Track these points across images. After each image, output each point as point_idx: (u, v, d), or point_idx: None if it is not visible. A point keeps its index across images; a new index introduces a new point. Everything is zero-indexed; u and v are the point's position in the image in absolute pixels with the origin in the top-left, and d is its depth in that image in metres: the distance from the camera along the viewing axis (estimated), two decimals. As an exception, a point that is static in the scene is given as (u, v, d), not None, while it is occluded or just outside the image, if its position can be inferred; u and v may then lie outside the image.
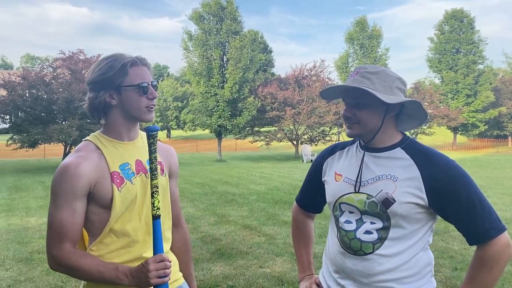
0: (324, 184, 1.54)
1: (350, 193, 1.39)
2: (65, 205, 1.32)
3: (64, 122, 17.00)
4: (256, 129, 27.15)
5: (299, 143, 26.54)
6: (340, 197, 1.42)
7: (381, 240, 1.33)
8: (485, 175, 14.39)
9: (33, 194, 10.21)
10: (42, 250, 5.27)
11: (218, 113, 24.37)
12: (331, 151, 1.56)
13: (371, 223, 1.34)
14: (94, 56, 18.66)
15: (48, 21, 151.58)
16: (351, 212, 1.39)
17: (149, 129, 1.34)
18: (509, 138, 38.23)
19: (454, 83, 34.91)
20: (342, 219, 1.41)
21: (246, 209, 8.08)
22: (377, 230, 1.34)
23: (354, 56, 35.48)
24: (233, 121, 24.51)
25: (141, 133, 1.52)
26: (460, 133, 36.40)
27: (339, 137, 24.06)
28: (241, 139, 27.47)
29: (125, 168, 1.40)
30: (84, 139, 1.46)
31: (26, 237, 5.96)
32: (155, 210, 1.33)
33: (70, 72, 17.64)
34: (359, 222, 1.37)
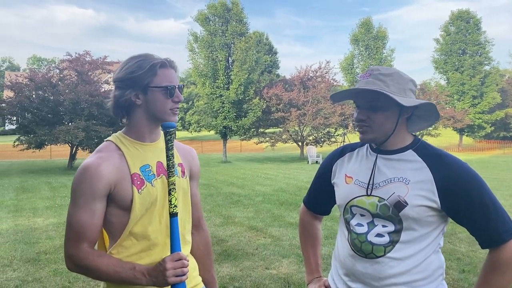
0: (333, 186, 1.53)
1: (362, 196, 1.38)
2: (84, 205, 1.31)
3: (70, 123, 17.10)
4: (261, 130, 27.14)
5: (304, 144, 26.50)
6: (351, 199, 1.41)
7: (393, 243, 1.33)
8: (492, 177, 14.29)
9: (39, 195, 10.26)
10: (49, 250, 5.29)
11: (223, 114, 24.40)
12: (341, 153, 1.55)
13: (383, 226, 1.34)
14: (100, 58, 18.74)
15: (54, 22, 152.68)
16: (362, 215, 1.38)
17: (166, 125, 1.31)
18: (516, 139, 37.95)
19: (460, 84, 34.73)
20: (353, 222, 1.40)
21: (251, 210, 8.08)
22: (389, 233, 1.33)
23: (359, 57, 35.42)
24: (238, 122, 24.52)
25: (162, 135, 1.50)
26: (466, 134, 36.19)
27: (344, 138, 23.96)
28: (246, 140, 27.46)
29: (146, 170, 1.39)
30: (106, 139, 1.45)
31: (33, 237, 5.99)
32: (172, 208, 1.32)
33: (76, 74, 17.74)
34: (371, 225, 1.36)
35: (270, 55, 48.96)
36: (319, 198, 1.64)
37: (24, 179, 13.66)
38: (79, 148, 18.05)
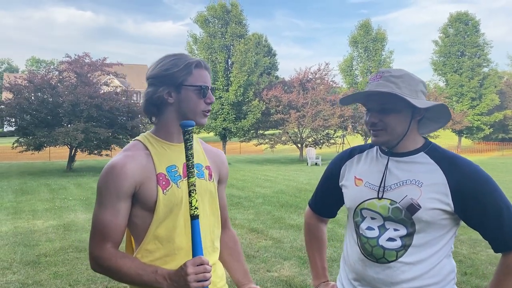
0: (340, 189, 1.51)
1: (372, 198, 1.36)
2: (109, 205, 1.29)
3: (69, 125, 17.05)
4: (261, 132, 27.13)
5: (303, 146, 26.49)
6: (362, 202, 1.38)
7: (405, 247, 1.30)
8: (492, 179, 14.27)
9: (39, 197, 10.22)
10: (49, 253, 5.26)
11: (222, 116, 24.40)
12: (349, 154, 1.53)
13: (395, 230, 1.31)
14: (99, 59, 18.69)
15: (53, 24, 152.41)
16: (373, 218, 1.36)
17: (184, 124, 1.27)
18: (515, 141, 38.01)
19: (459, 86, 34.78)
20: (364, 225, 1.37)
21: (252, 212, 8.06)
22: (401, 237, 1.30)
23: (358, 59, 35.46)
24: (238, 124, 24.53)
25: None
26: (465, 136, 36.23)
27: (343, 140, 23.96)
28: (245, 142, 27.44)
29: (172, 170, 1.36)
30: (134, 138, 1.43)
31: (33, 240, 5.96)
32: (192, 210, 1.28)
33: (75, 76, 17.70)
34: (382, 228, 1.33)
35: (269, 57, 48.99)
36: (326, 201, 1.62)
37: (23, 181, 13.62)
38: (78, 150, 18.00)
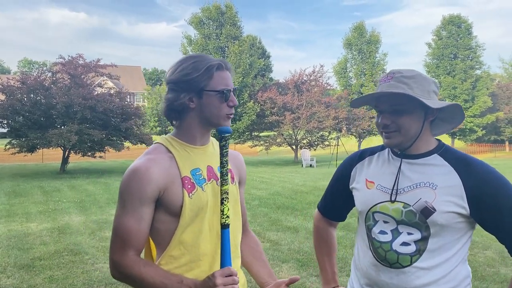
0: (351, 192, 1.47)
1: (385, 201, 1.32)
2: (131, 210, 1.24)
3: (63, 127, 16.89)
4: (256, 133, 27.11)
5: (298, 147, 26.50)
6: (374, 205, 1.35)
7: (420, 251, 1.27)
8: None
9: (32, 199, 10.09)
10: (44, 256, 5.18)
11: (217, 117, 24.33)
12: (360, 156, 1.49)
13: (408, 233, 1.28)
14: (93, 61, 18.55)
15: (46, 25, 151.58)
16: (385, 222, 1.32)
17: (222, 130, 1.24)
18: (507, 143, 38.36)
19: (452, 88, 35.04)
20: (376, 229, 1.34)
21: (248, 214, 7.94)
22: (415, 241, 1.27)
23: (352, 62, 35.61)
24: (233, 125, 24.41)
25: (212, 139, 1.44)
26: (457, 138, 36.50)
27: (338, 141, 23.98)
28: (240, 143, 27.40)
29: (197, 173, 1.31)
30: (155, 141, 1.38)
31: (27, 243, 5.87)
32: (224, 218, 1.24)
33: (69, 77, 17.56)
34: (395, 232, 1.30)
35: (263, 59, 49.01)
36: (336, 204, 1.58)
37: (16, 183, 13.45)
38: (71, 151, 17.85)
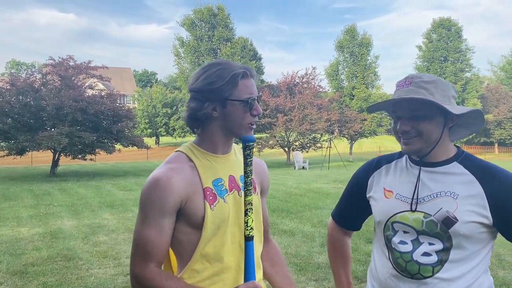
0: (367, 201, 1.43)
1: (405, 211, 1.29)
2: (152, 221, 1.20)
3: (53, 129, 16.69)
4: (248, 135, 27.04)
5: (290, 150, 26.53)
6: (393, 215, 1.31)
7: (441, 262, 1.24)
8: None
9: (22, 203, 9.92)
10: (37, 262, 5.07)
11: (209, 119, 24.27)
12: (376, 165, 1.45)
13: (430, 244, 1.24)
14: (84, 62, 18.37)
15: (34, 26, 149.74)
16: (405, 232, 1.29)
17: (246, 139, 1.21)
18: (496, 145, 38.85)
19: (442, 91, 35.44)
20: (396, 239, 1.30)
21: (243, 218, 7.95)
22: (437, 251, 1.24)
23: (344, 64, 35.80)
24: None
25: (234, 147, 1.39)
26: (448, 140, 36.91)
27: (330, 143, 24.07)
28: (232, 146, 27.34)
29: (218, 184, 1.27)
30: (176, 149, 1.34)
31: (19, 248, 5.74)
32: (248, 231, 1.20)
33: (60, 79, 17.36)
34: (416, 243, 1.27)
35: (255, 61, 49.06)
36: (351, 213, 1.54)
37: (5, 187, 13.23)
38: (62, 154, 17.63)
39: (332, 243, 1.61)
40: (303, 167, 22.39)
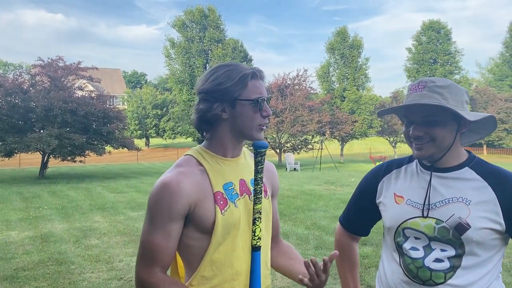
0: (377, 206, 1.41)
1: (416, 217, 1.27)
2: (160, 226, 1.17)
3: (42, 131, 16.45)
4: (239, 137, 26.99)
5: (282, 151, 26.54)
6: (404, 221, 1.29)
7: (454, 268, 1.22)
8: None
9: (11, 206, 9.74)
10: (28, 266, 4.98)
11: (200, 121, 24.21)
12: (386, 169, 1.43)
13: (442, 250, 1.23)
14: (74, 63, 18.16)
15: (22, 27, 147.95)
16: (417, 238, 1.27)
17: (258, 145, 1.18)
18: (484, 146, 39.31)
19: (432, 93, 35.79)
20: (407, 245, 1.28)
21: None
22: (449, 258, 1.22)
23: (335, 66, 35.91)
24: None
25: (244, 150, 1.36)
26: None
27: (321, 145, 24.13)
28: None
29: (229, 188, 1.24)
30: (185, 153, 1.30)
31: (9, 252, 5.63)
32: (255, 240, 1.17)
33: (49, 80, 17.13)
34: (427, 249, 1.25)
35: (246, 62, 49.05)
36: (360, 219, 1.52)
37: (-7, 189, 13.01)
38: (51, 156, 17.39)
39: (341, 249, 1.58)
40: (295, 169, 22.41)
